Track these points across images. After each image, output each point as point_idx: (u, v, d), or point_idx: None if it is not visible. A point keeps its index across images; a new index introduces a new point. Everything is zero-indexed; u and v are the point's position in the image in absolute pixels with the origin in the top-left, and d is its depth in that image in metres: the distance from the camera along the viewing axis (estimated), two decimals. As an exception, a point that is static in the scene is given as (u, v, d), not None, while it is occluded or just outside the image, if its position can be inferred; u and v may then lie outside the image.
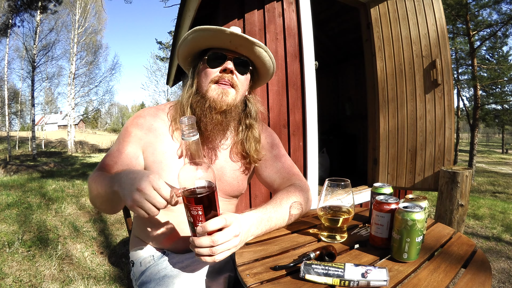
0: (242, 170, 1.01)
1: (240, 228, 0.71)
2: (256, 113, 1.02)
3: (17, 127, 22.95)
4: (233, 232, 0.68)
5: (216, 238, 0.65)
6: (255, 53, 0.91)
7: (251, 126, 1.00)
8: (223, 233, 0.66)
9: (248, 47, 0.89)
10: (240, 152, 0.99)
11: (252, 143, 0.98)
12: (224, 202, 1.01)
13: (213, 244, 0.65)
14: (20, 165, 7.57)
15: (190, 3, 2.29)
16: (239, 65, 0.91)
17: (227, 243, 0.67)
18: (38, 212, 3.04)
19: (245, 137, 0.99)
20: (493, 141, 40.23)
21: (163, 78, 23.08)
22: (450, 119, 2.34)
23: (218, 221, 0.66)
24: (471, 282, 0.61)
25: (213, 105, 0.87)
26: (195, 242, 0.66)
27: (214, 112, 0.88)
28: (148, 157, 0.91)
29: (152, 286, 0.82)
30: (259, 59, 0.93)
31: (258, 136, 1.00)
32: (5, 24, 11.88)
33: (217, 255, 0.66)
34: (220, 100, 0.87)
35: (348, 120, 4.68)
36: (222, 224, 0.66)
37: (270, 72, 1.00)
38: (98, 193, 0.81)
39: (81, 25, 17.84)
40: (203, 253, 0.66)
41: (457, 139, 16.85)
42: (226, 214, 0.69)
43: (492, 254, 2.67)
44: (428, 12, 2.36)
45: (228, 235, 0.67)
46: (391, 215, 0.73)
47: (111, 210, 0.87)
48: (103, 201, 0.82)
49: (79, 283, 1.92)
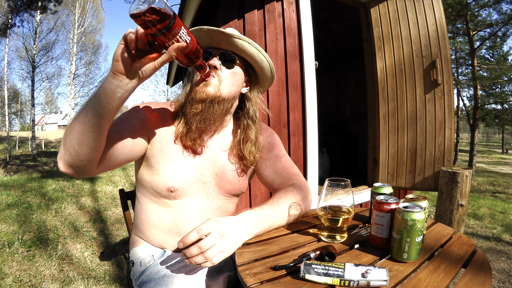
0: (242, 169, 1.02)
1: (224, 228, 0.71)
2: (254, 113, 1.01)
3: (17, 127, 22.98)
4: (218, 234, 0.69)
5: (202, 244, 0.67)
6: (237, 47, 0.89)
7: (248, 126, 0.99)
8: (207, 238, 0.68)
9: (227, 40, 0.88)
10: (238, 153, 1.00)
11: (247, 144, 0.98)
12: (224, 200, 1.01)
13: (201, 250, 0.66)
14: (20, 165, 7.57)
15: (190, 3, 2.29)
16: (224, 59, 0.90)
17: (216, 246, 0.68)
18: (38, 212, 3.04)
19: (241, 138, 0.99)
20: (493, 141, 40.24)
21: (163, 78, 23.05)
22: (450, 119, 2.34)
23: (192, 235, 0.67)
24: (471, 282, 0.61)
25: (194, 95, 0.88)
26: (186, 254, 0.68)
27: (194, 101, 0.88)
28: (154, 143, 0.91)
29: (152, 285, 0.82)
30: (244, 52, 0.91)
31: (254, 138, 0.99)
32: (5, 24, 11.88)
33: (213, 258, 0.68)
34: (201, 90, 0.86)
35: (348, 120, 4.69)
36: (197, 236, 0.67)
37: (264, 67, 0.97)
38: (81, 122, 0.69)
39: (81, 25, 17.84)
40: (198, 261, 0.67)
41: (457, 139, 16.84)
42: (202, 224, 0.70)
43: (492, 254, 2.67)
44: (428, 12, 2.36)
45: (213, 239, 0.68)
46: (391, 215, 0.73)
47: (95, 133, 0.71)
48: (88, 125, 0.69)
49: (79, 283, 1.92)
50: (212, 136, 0.98)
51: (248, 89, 1.01)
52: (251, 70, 0.98)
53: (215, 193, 0.98)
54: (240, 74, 0.95)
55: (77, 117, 0.71)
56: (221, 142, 0.99)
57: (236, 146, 0.99)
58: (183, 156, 0.93)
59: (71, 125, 0.72)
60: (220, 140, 0.99)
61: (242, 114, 1.01)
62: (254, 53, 0.92)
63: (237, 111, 1.03)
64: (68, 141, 0.71)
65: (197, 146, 0.93)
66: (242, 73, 0.96)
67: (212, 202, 0.98)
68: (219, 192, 0.99)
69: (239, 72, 0.94)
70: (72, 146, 0.71)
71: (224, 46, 0.91)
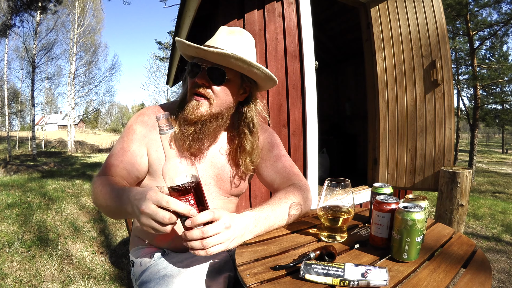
0: (241, 171, 1.01)
1: (231, 221, 0.71)
2: (251, 120, 0.95)
3: (17, 127, 22.97)
4: (224, 224, 0.69)
5: (206, 229, 0.66)
6: (223, 61, 0.83)
7: (245, 136, 0.95)
8: (213, 225, 0.67)
9: (211, 57, 0.83)
10: (234, 159, 0.99)
11: (242, 155, 0.96)
12: (225, 200, 1.01)
13: (204, 235, 0.66)
14: (20, 165, 7.57)
15: (190, 3, 2.29)
16: (213, 75, 0.85)
17: (218, 236, 0.68)
18: (38, 212, 3.04)
19: (238, 146, 0.96)
20: (493, 141, 40.23)
21: (163, 78, 23.09)
22: (450, 119, 2.34)
23: (206, 214, 0.67)
24: (471, 282, 0.61)
25: (186, 115, 0.87)
26: (187, 235, 0.67)
27: (186, 123, 0.88)
28: (151, 154, 0.92)
29: (152, 285, 0.82)
30: (232, 65, 0.84)
31: (250, 149, 0.96)
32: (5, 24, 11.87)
33: (210, 248, 0.67)
34: (191, 113, 0.86)
35: (348, 120, 4.69)
36: (210, 217, 0.67)
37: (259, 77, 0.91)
38: (106, 205, 0.81)
39: (80, 25, 17.84)
40: (195, 246, 0.66)
41: (457, 139, 16.84)
42: (215, 209, 0.70)
43: (492, 254, 2.67)
44: (428, 12, 2.36)
45: (218, 227, 0.68)
46: (391, 215, 0.73)
47: (117, 218, 0.88)
48: (112, 211, 0.83)
49: (79, 283, 1.92)
50: (210, 146, 0.96)
51: (246, 95, 0.95)
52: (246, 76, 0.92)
53: (215, 194, 0.98)
54: (233, 85, 0.90)
55: (105, 198, 0.81)
56: (219, 146, 0.99)
57: (234, 152, 0.98)
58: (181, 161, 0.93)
59: (98, 195, 0.84)
60: (219, 145, 0.99)
61: (239, 121, 0.97)
62: (244, 68, 0.86)
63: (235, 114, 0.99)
64: (97, 202, 0.86)
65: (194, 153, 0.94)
66: (236, 82, 0.90)
67: (213, 202, 0.98)
68: (219, 192, 0.99)
69: (232, 83, 0.89)
70: (100, 208, 0.88)
71: (211, 59, 0.85)
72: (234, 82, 0.90)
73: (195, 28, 2.72)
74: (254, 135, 0.97)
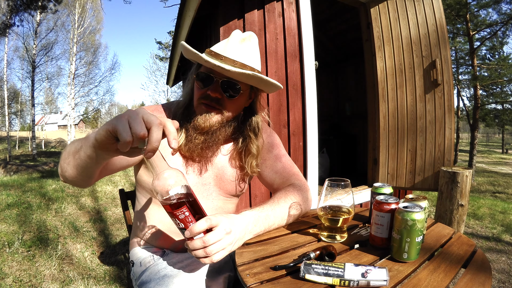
0: (242, 171, 1.01)
1: (231, 225, 0.71)
2: (257, 124, 0.97)
3: (17, 127, 22.99)
4: (224, 230, 0.68)
5: (207, 239, 0.65)
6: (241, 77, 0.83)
7: (250, 140, 0.96)
8: (213, 233, 0.67)
9: (232, 74, 0.82)
10: (238, 162, 0.98)
11: (249, 158, 0.96)
12: (224, 201, 1.01)
13: (205, 244, 0.65)
14: (20, 165, 7.57)
15: (190, 3, 2.29)
16: (226, 88, 0.85)
17: (219, 242, 0.67)
18: (38, 212, 3.04)
19: (243, 150, 0.97)
20: (493, 141, 40.23)
21: (163, 78, 23.08)
22: (450, 119, 2.34)
23: (202, 223, 0.66)
24: (471, 282, 0.61)
25: (197, 126, 0.87)
26: (189, 245, 0.67)
27: (197, 131, 0.88)
28: None
29: (152, 286, 0.82)
30: (249, 81, 0.86)
31: (256, 152, 0.97)
32: (5, 24, 11.87)
33: (214, 256, 0.67)
34: (203, 123, 0.86)
35: (348, 120, 4.68)
36: (207, 224, 0.66)
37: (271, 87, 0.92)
38: (74, 159, 0.72)
39: (80, 25, 17.84)
40: (198, 255, 0.66)
41: (457, 139, 16.85)
42: (211, 215, 0.69)
43: (492, 254, 2.67)
44: (428, 12, 2.36)
45: (219, 234, 0.67)
46: (391, 215, 0.73)
47: (87, 174, 0.76)
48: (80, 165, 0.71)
49: (79, 283, 1.92)
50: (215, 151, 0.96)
51: (252, 100, 0.97)
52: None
53: (215, 194, 0.98)
54: (244, 95, 0.91)
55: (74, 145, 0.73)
56: (220, 146, 0.99)
57: (237, 155, 0.98)
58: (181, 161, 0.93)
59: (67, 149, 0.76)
60: (220, 146, 0.99)
61: (244, 125, 0.97)
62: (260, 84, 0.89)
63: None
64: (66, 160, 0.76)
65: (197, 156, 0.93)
66: (246, 92, 0.92)
67: (212, 202, 0.98)
68: (219, 192, 0.99)
69: (243, 94, 0.90)
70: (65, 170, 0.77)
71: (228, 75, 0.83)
72: (245, 93, 0.91)
73: (195, 28, 2.72)
74: (259, 138, 0.98)
